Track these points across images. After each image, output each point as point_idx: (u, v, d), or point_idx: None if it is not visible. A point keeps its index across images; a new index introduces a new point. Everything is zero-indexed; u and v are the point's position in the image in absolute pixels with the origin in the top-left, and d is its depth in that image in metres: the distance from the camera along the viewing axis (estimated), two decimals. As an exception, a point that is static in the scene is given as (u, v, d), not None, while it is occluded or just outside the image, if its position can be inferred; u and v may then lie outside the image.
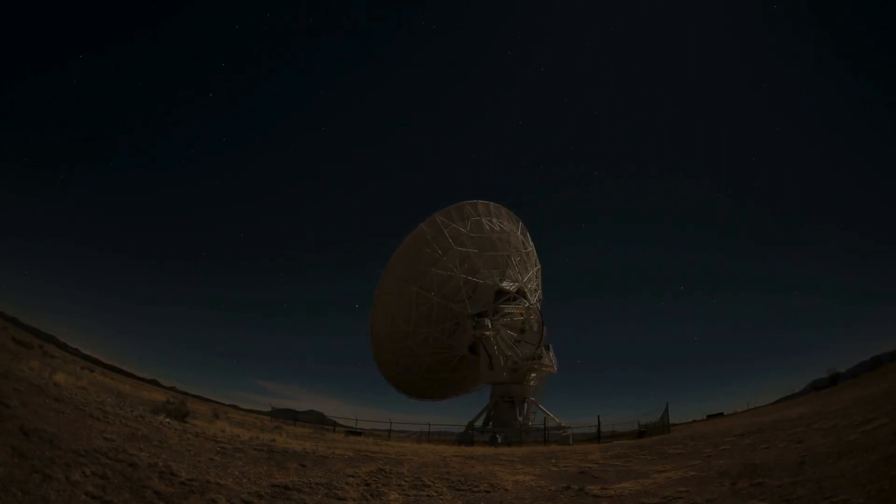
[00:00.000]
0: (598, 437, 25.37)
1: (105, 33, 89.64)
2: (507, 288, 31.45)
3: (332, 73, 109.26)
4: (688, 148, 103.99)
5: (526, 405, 30.05)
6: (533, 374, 29.75)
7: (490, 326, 28.86)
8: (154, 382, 43.06)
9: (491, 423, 30.36)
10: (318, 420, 37.33)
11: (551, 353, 30.45)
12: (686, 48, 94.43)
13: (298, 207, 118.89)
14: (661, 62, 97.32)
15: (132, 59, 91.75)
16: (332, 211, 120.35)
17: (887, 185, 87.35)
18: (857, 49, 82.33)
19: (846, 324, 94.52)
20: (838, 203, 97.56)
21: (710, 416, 31.64)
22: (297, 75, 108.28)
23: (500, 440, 25.59)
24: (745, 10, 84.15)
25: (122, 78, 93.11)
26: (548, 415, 29.75)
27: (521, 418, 28.82)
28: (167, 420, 9.65)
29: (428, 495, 6.46)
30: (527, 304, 31.16)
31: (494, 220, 31.94)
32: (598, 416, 27.67)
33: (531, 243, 34.28)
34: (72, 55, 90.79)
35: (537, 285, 34.32)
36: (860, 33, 79.65)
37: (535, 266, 34.55)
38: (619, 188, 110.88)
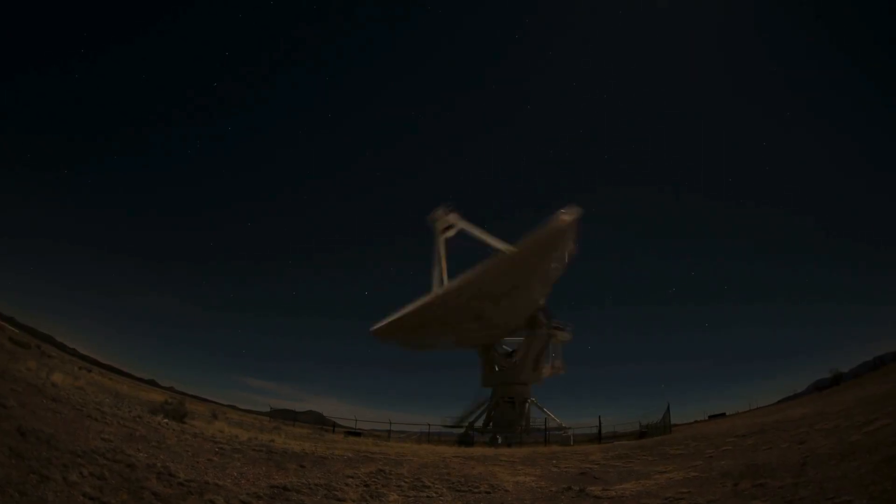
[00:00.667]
0: (598, 437, 25.36)
1: (106, 31, 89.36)
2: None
3: (332, 75, 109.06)
4: (689, 149, 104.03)
5: (527, 406, 30.15)
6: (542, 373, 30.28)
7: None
8: (152, 382, 42.93)
9: (491, 424, 30.38)
10: (317, 420, 37.26)
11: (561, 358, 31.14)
12: (686, 48, 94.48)
13: (299, 208, 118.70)
14: (660, 62, 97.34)
15: (132, 58, 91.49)
16: (334, 212, 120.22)
17: (890, 185, 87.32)
18: (857, 49, 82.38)
19: (848, 324, 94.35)
20: (842, 204, 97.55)
21: (711, 417, 31.63)
22: (303, 75, 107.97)
23: (500, 441, 25.58)
24: (745, 11, 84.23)
25: (122, 77, 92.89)
26: (548, 415, 29.78)
27: (524, 422, 29.20)
28: (165, 420, 9.62)
29: (428, 496, 6.43)
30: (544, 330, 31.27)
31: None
32: (599, 417, 27.68)
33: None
34: (72, 53, 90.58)
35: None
36: (862, 32, 79.74)
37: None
38: (620, 189, 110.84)
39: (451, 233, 31.11)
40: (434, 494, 6.56)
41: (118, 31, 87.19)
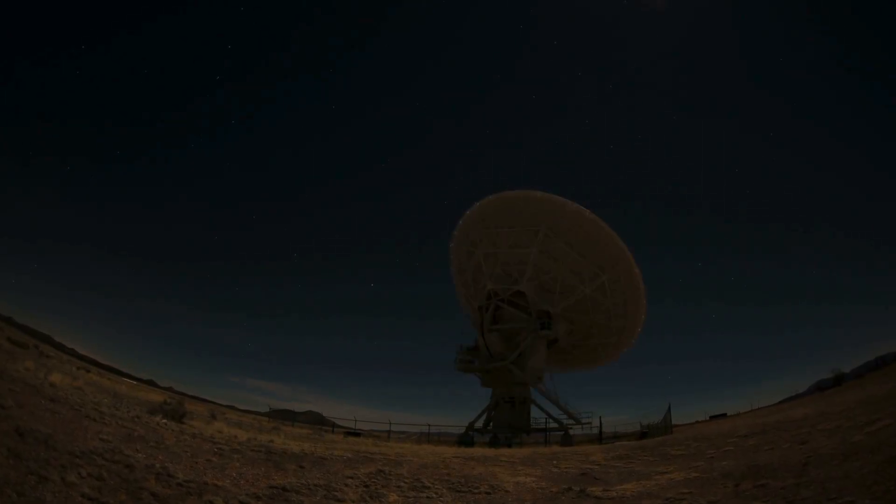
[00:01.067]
0: (599, 437, 25.35)
1: (108, 27, 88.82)
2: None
3: (335, 78, 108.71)
4: (690, 149, 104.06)
5: (526, 405, 30.17)
6: None
7: None
8: (151, 383, 42.88)
9: (491, 424, 30.34)
10: (316, 421, 37.27)
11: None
12: (687, 49, 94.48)
13: (300, 208, 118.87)
14: (659, 63, 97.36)
15: (133, 55, 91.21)
16: (334, 213, 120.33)
17: (891, 185, 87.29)
18: (857, 49, 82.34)
19: (850, 324, 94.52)
20: (843, 204, 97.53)
21: (713, 417, 31.61)
22: (304, 77, 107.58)
23: (501, 441, 25.56)
24: (744, 11, 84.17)
25: (122, 75, 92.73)
26: (548, 414, 29.73)
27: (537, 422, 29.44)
28: (164, 421, 9.57)
29: (428, 497, 6.40)
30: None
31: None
32: (600, 417, 27.70)
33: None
34: (73, 51, 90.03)
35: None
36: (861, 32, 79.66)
37: None
38: (620, 189, 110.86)
39: None
40: (434, 495, 6.52)
41: (120, 28, 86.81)
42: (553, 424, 28.96)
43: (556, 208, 30.07)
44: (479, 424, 30.67)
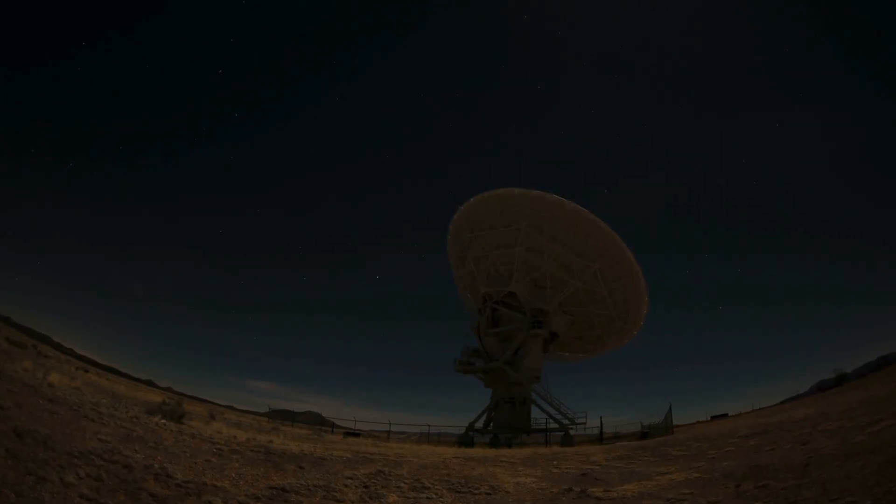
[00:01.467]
0: (600, 438, 25.35)
1: (107, 24, 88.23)
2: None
3: (336, 73, 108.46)
4: (690, 149, 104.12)
5: (526, 405, 30.18)
6: None
7: None
8: (150, 383, 42.88)
9: (491, 425, 30.36)
10: (316, 421, 37.22)
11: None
12: (686, 47, 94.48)
13: (299, 207, 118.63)
14: (655, 61, 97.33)
15: (133, 54, 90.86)
16: (334, 211, 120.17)
17: (892, 186, 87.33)
18: (857, 48, 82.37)
19: (852, 324, 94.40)
20: (845, 204, 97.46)
21: (714, 417, 31.65)
22: (305, 74, 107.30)
23: (502, 441, 25.57)
24: (744, 10, 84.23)
25: (123, 75, 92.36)
26: (548, 415, 29.73)
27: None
28: (163, 421, 9.55)
29: (427, 497, 6.38)
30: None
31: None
32: (601, 417, 27.73)
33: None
34: (73, 47, 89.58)
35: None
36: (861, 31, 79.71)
37: None
38: (620, 189, 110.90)
39: None
40: (434, 496, 6.50)
41: (120, 24, 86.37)
42: (553, 425, 28.99)
43: (536, 203, 29.60)
44: (480, 425, 30.69)
